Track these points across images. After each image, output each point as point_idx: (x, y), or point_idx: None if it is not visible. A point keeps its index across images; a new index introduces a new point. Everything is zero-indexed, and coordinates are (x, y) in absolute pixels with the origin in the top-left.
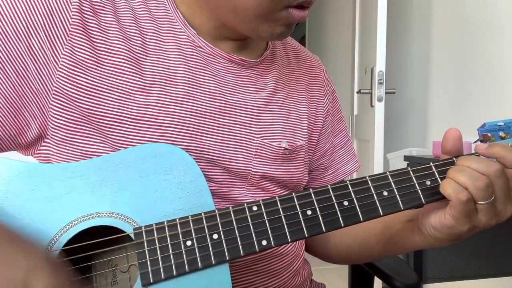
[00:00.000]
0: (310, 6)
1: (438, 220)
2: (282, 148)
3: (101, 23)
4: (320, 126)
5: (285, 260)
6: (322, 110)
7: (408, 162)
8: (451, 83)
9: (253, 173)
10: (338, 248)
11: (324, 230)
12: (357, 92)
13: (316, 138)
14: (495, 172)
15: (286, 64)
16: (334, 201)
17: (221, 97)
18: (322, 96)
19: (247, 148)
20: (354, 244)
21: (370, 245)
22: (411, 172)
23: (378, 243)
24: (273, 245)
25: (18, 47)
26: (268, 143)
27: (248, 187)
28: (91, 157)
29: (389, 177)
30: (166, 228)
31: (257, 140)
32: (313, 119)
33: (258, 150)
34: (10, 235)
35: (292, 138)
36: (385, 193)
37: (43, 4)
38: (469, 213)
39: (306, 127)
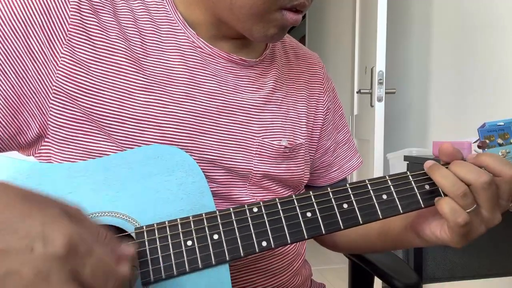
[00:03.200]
0: (304, 10)
1: (433, 234)
2: (283, 147)
3: (101, 22)
4: (321, 123)
5: (286, 260)
6: (322, 108)
7: (408, 162)
8: (451, 83)
9: (254, 172)
10: (343, 239)
11: (323, 232)
12: (357, 92)
13: (317, 136)
14: (482, 184)
15: (285, 62)
16: (334, 203)
17: (220, 97)
18: (322, 93)
19: (247, 148)
20: (356, 238)
21: (371, 240)
22: (410, 176)
23: (377, 239)
24: (273, 246)
25: (17, 47)
26: (268, 142)
27: (249, 187)
28: (94, 155)
29: (388, 181)
30: (167, 228)
31: (257, 139)
32: (312, 117)
33: (259, 149)
34: (24, 192)
35: (292, 137)
36: (384, 197)
37: (40, 4)
38: (465, 233)
39: (305, 125)
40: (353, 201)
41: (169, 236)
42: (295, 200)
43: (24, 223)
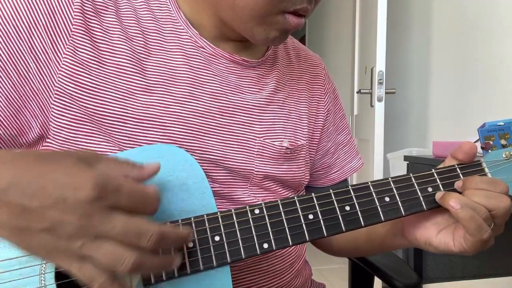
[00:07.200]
0: (306, 14)
1: (445, 245)
2: (284, 148)
3: (103, 23)
4: (321, 125)
5: (287, 261)
6: (323, 109)
7: (408, 162)
8: (451, 83)
9: (256, 173)
10: (337, 244)
11: (325, 235)
12: (357, 92)
13: (318, 137)
14: (505, 210)
15: (287, 63)
16: (336, 205)
17: (223, 97)
18: (323, 95)
19: (249, 148)
20: (347, 243)
21: (360, 245)
22: (412, 179)
23: (366, 243)
24: (274, 248)
25: (20, 47)
26: (270, 143)
27: (250, 187)
28: None
29: (391, 183)
30: None
31: (259, 140)
32: (313, 119)
33: (260, 150)
34: (38, 153)
35: (293, 138)
36: (387, 199)
37: (45, 4)
38: (486, 244)
39: (306, 127)
40: (356, 204)
41: None
42: (297, 202)
43: (47, 181)
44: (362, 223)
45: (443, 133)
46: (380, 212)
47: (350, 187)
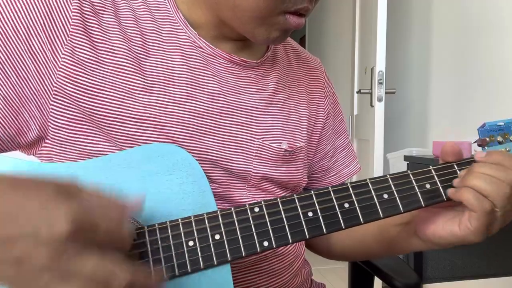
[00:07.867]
0: (307, 14)
1: (450, 231)
2: (283, 150)
3: (102, 23)
4: (320, 128)
5: (286, 260)
6: (323, 112)
7: (408, 162)
8: (451, 83)
9: (254, 174)
10: (338, 246)
11: (325, 232)
12: (357, 92)
13: (317, 140)
14: (505, 195)
15: (287, 65)
16: (335, 203)
17: (221, 97)
18: (323, 98)
19: (247, 149)
20: (352, 244)
21: (368, 246)
22: (411, 176)
23: (376, 244)
24: (274, 246)
25: (18, 47)
26: (268, 145)
27: (248, 188)
28: (94, 156)
29: (389, 180)
30: (169, 228)
31: (257, 141)
32: (313, 121)
33: (259, 152)
34: (14, 180)
35: (292, 140)
36: (385, 196)
37: (43, 4)
38: (491, 222)
39: (305, 129)
40: (354, 201)
41: (170, 237)
42: (296, 200)
43: (22, 211)
44: (361, 220)
45: (443, 133)
46: (379, 209)
47: (349, 184)
